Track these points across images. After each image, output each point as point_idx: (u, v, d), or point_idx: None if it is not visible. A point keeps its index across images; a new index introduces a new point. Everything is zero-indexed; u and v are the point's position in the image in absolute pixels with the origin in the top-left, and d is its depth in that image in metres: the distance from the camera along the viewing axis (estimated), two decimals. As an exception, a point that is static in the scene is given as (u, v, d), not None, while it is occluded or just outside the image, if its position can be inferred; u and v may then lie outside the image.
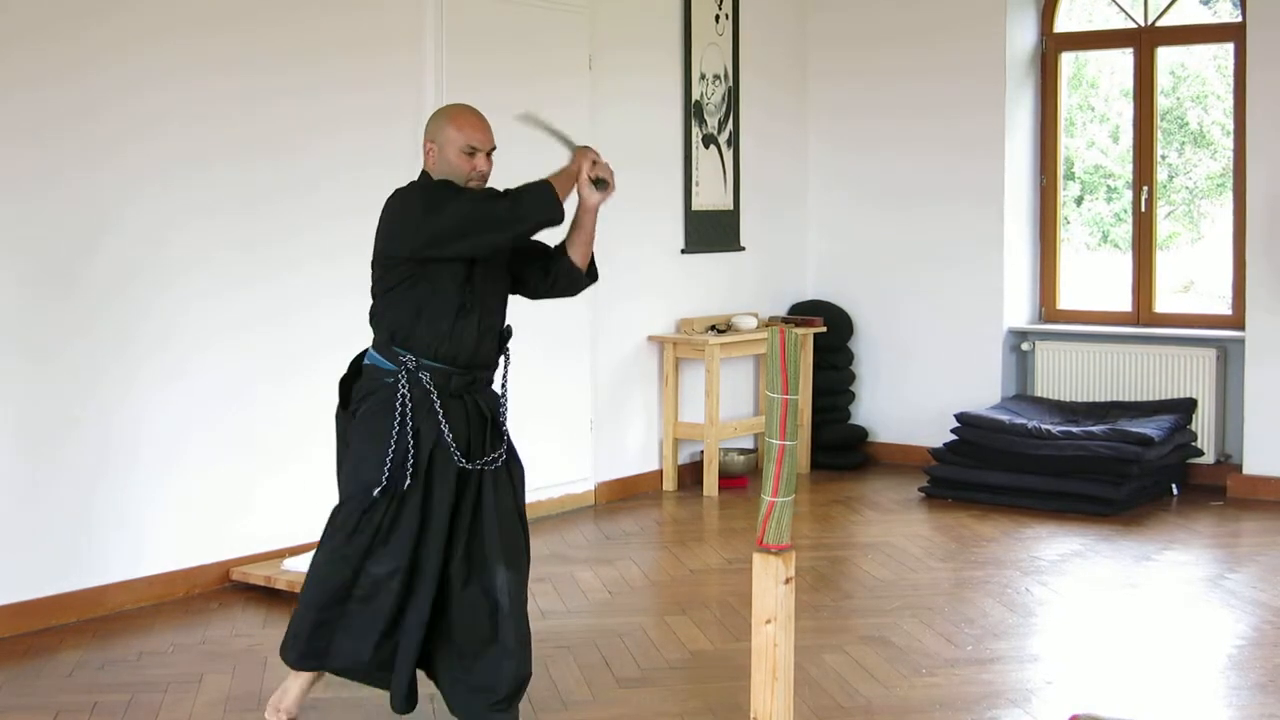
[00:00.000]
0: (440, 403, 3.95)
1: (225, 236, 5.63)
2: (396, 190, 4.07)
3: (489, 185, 4.07)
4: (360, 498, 3.95)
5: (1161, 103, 8.07)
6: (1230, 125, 7.83)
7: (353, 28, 6.04)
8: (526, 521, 4.17)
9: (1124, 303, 8.06)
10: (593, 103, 7.12)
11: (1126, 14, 8.01)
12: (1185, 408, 7.43)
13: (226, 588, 5.62)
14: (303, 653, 4.03)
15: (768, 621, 3.43)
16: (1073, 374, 7.95)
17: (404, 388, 3.93)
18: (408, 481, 3.91)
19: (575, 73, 7.02)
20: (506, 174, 4.27)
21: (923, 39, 8.26)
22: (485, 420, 4.06)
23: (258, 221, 5.73)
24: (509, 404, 4.21)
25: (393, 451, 3.91)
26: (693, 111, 7.78)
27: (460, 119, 4.03)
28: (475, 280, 4.01)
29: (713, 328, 7.76)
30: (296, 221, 5.85)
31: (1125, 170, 8.22)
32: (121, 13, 5.28)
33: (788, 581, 3.43)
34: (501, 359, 4.18)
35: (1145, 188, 7.92)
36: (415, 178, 4.12)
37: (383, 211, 4.02)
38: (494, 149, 4.06)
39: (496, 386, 4.18)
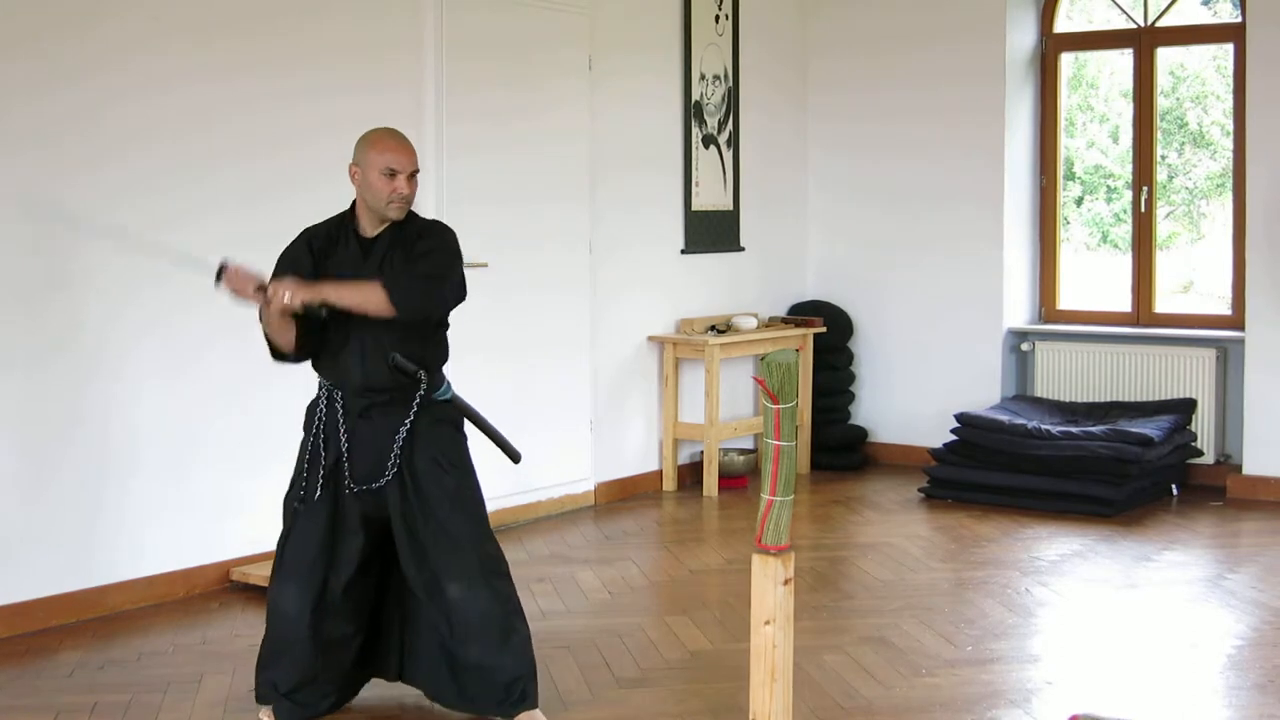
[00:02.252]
0: (345, 423, 4.07)
1: (225, 238, 5.62)
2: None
3: (412, 209, 4.14)
4: (286, 521, 4.17)
5: (1161, 103, 8.07)
6: (1230, 126, 7.83)
7: (353, 29, 6.04)
8: (482, 529, 4.14)
9: (1124, 303, 8.07)
10: (593, 104, 7.13)
11: (1126, 14, 8.02)
12: (1185, 408, 7.43)
13: (226, 588, 5.62)
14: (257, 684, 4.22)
15: (767, 622, 3.43)
16: (1072, 374, 7.95)
17: (321, 406, 4.11)
18: (317, 493, 4.04)
19: (575, 74, 7.03)
20: (506, 177, 4.26)
21: (922, 38, 8.26)
22: (386, 441, 4.05)
23: (258, 223, 5.71)
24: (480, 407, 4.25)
25: (306, 468, 4.10)
26: (692, 112, 7.78)
27: (381, 143, 4.07)
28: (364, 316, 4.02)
29: (713, 328, 7.76)
30: (296, 223, 5.82)
31: (1125, 170, 8.23)
32: (123, 18, 5.28)
33: (786, 583, 3.44)
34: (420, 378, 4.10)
35: (1145, 188, 7.92)
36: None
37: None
38: (416, 171, 4.08)
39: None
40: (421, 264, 4.03)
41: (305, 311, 3.95)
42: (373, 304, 3.95)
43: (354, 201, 4.17)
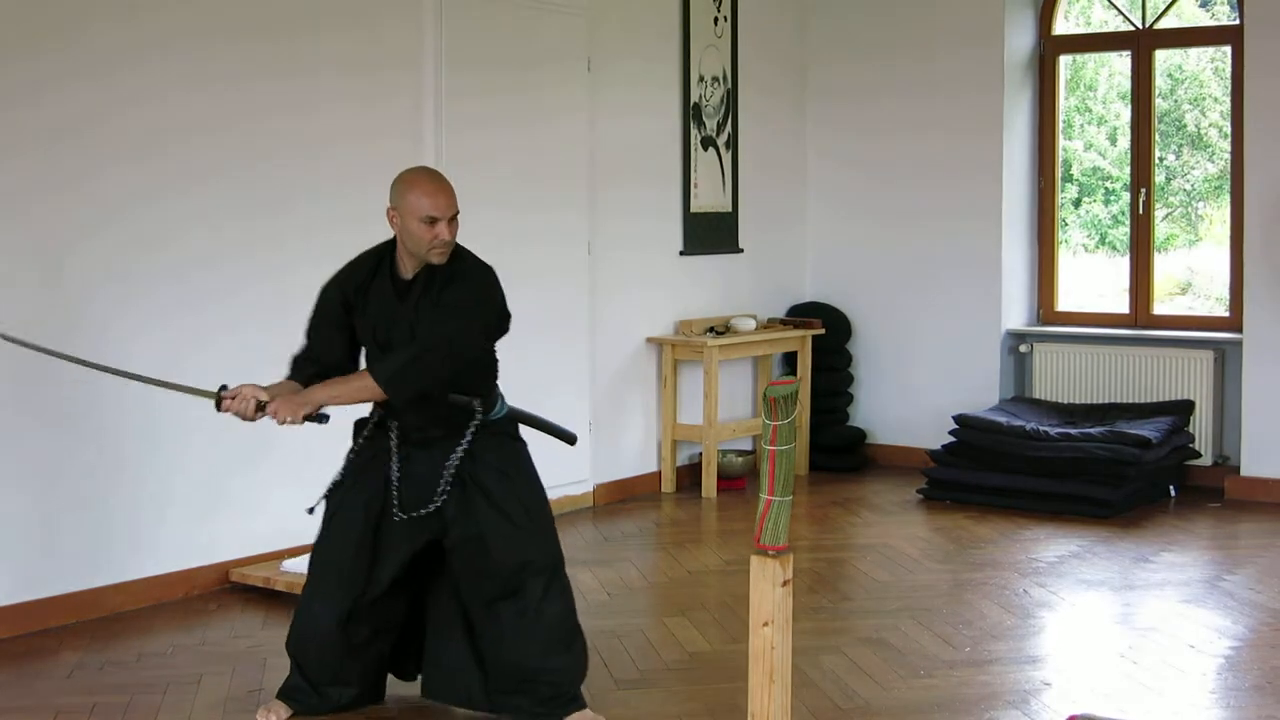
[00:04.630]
0: (401, 449, 4.05)
1: (226, 239, 5.64)
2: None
3: (457, 244, 4.03)
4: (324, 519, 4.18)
5: (1159, 105, 8.08)
6: (1228, 128, 7.84)
7: (353, 29, 6.05)
8: (554, 533, 4.15)
9: (1122, 305, 8.08)
10: (591, 106, 7.13)
11: (1124, 16, 8.03)
12: (1183, 410, 7.44)
13: (226, 589, 5.63)
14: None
15: (765, 624, 3.43)
16: (1071, 376, 7.96)
17: (370, 427, 4.15)
18: (333, 508, 4.10)
19: (574, 75, 7.03)
20: (506, 179, 4.26)
21: (921, 40, 8.27)
22: (439, 469, 4.03)
23: (257, 231, 5.73)
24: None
25: (342, 479, 4.12)
26: (691, 114, 7.79)
27: (419, 187, 3.92)
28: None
29: (711, 329, 7.77)
30: (296, 232, 5.85)
31: (1123, 172, 8.23)
32: (126, 27, 5.28)
33: (785, 584, 3.44)
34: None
35: (1143, 190, 7.93)
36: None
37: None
38: (456, 214, 3.96)
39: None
40: (423, 330, 3.94)
41: (314, 417, 3.98)
42: (368, 394, 3.94)
43: (392, 241, 4.07)
